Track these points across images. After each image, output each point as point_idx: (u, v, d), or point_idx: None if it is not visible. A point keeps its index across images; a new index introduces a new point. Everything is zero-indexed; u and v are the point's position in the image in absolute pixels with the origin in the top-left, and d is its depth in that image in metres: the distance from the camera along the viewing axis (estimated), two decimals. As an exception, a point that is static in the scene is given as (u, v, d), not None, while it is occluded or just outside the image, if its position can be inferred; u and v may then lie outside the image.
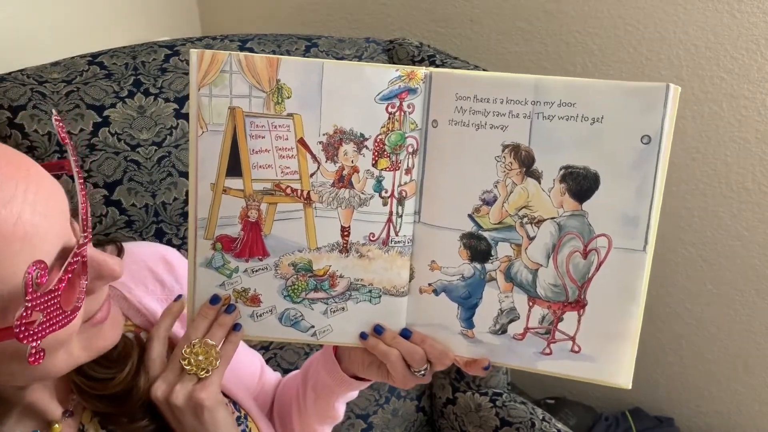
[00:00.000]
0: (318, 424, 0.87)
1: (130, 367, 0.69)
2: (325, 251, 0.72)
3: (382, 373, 0.74)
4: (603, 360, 0.67)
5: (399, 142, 0.69)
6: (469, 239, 0.68)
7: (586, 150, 0.62)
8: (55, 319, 0.50)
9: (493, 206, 0.66)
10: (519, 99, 0.63)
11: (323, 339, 0.74)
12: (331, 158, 0.70)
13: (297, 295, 0.73)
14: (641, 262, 0.64)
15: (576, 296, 0.66)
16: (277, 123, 0.69)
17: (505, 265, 0.68)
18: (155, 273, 0.79)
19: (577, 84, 0.62)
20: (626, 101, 0.60)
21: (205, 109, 0.68)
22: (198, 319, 0.71)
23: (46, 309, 0.49)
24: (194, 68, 0.67)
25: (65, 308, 0.51)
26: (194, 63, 0.67)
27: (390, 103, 0.68)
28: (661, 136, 0.60)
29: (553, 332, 0.68)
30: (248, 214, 0.71)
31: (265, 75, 0.68)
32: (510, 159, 0.65)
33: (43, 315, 0.48)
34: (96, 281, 0.56)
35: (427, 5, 1.46)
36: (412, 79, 0.68)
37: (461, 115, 0.66)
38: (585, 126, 0.62)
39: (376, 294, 0.72)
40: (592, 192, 0.63)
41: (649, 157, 0.61)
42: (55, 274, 0.50)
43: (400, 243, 0.71)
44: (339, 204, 0.71)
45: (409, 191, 0.70)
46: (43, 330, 0.49)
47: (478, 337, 0.70)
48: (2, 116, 0.94)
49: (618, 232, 0.63)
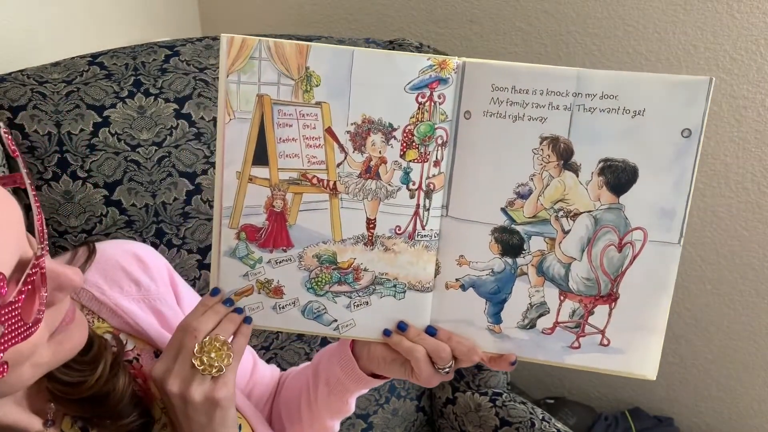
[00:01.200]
0: (329, 419, 0.85)
1: (103, 369, 0.67)
2: (350, 243, 0.70)
3: (405, 370, 0.73)
4: (632, 352, 0.68)
5: (428, 133, 0.68)
6: (501, 233, 0.67)
7: (625, 143, 0.62)
8: (16, 332, 0.49)
9: (528, 199, 0.66)
10: (560, 90, 0.63)
11: (346, 333, 0.72)
12: (358, 148, 0.68)
13: (320, 288, 0.71)
14: (675, 255, 0.64)
15: (608, 290, 0.66)
16: (305, 111, 0.68)
17: (537, 259, 0.67)
18: (129, 273, 0.77)
19: (620, 76, 0.62)
20: (669, 94, 0.60)
21: (233, 96, 0.67)
22: (209, 313, 0.69)
23: (7, 321, 0.47)
24: (224, 54, 0.66)
25: (26, 320, 0.50)
26: (224, 48, 0.66)
27: (420, 93, 0.67)
28: (701, 129, 0.61)
29: (583, 326, 0.68)
30: (273, 204, 0.69)
31: (294, 62, 0.67)
32: (548, 151, 0.64)
33: (4, 327, 0.47)
34: (56, 292, 0.54)
35: (427, 5, 1.46)
36: (444, 69, 0.67)
37: (497, 106, 0.65)
38: (626, 119, 0.62)
39: (400, 289, 0.71)
40: (630, 185, 0.63)
41: (689, 150, 0.61)
42: (14, 287, 0.49)
43: (427, 237, 0.70)
44: (365, 195, 0.69)
45: (437, 184, 0.69)
46: (4, 343, 0.48)
47: (505, 333, 0.70)
48: (2, 116, 0.93)
49: (654, 225, 0.64)
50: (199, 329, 0.68)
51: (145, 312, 0.77)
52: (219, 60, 0.66)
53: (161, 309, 0.78)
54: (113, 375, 0.68)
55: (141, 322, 0.75)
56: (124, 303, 0.75)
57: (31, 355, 0.53)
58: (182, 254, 1.02)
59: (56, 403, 0.66)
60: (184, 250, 1.02)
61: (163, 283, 0.80)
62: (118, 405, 0.68)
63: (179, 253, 1.02)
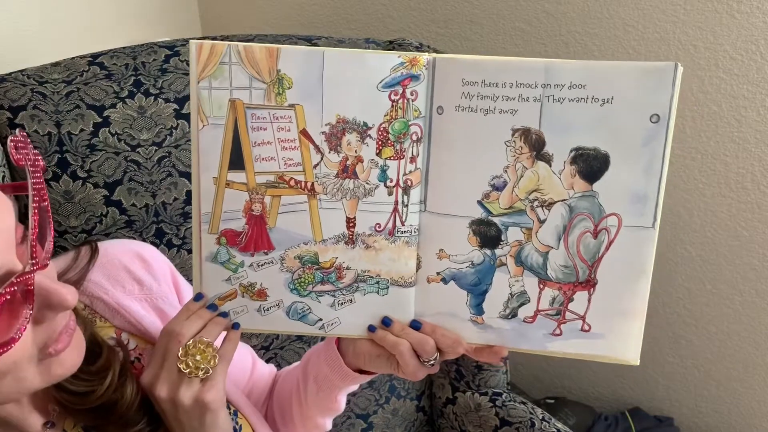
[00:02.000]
0: (320, 417, 0.86)
1: (112, 379, 0.67)
2: (331, 243, 0.71)
3: (391, 365, 0.74)
4: (613, 337, 0.68)
5: (403, 130, 0.68)
6: (478, 225, 0.68)
7: (596, 131, 0.63)
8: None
9: (503, 191, 0.67)
10: (529, 82, 0.63)
11: (331, 332, 0.73)
12: (334, 148, 0.69)
13: (304, 289, 0.72)
14: (650, 238, 0.65)
15: (586, 276, 0.67)
16: (278, 114, 0.68)
17: (515, 249, 0.68)
18: (131, 272, 0.77)
19: (587, 66, 0.62)
20: (636, 81, 0.61)
21: (205, 102, 0.67)
22: (193, 317, 0.70)
23: None
24: (193, 60, 0.66)
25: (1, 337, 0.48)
26: (193, 55, 0.66)
27: (393, 91, 0.67)
28: (669, 114, 0.61)
29: (563, 313, 0.69)
30: (252, 208, 0.69)
31: (265, 65, 0.67)
32: (520, 143, 0.65)
33: None
34: (44, 311, 0.53)
35: (427, 6, 1.45)
36: (415, 66, 0.67)
37: (468, 100, 0.65)
38: (595, 107, 0.62)
39: (383, 285, 0.72)
40: (602, 172, 0.64)
41: (658, 135, 0.62)
42: None
43: (407, 233, 0.71)
44: (344, 195, 0.70)
45: (414, 180, 0.69)
46: None
47: (487, 323, 0.71)
48: (2, 116, 0.93)
49: (628, 210, 0.64)
50: (183, 333, 0.68)
51: (148, 311, 0.77)
52: (189, 67, 0.66)
53: (163, 308, 0.78)
54: (121, 384, 0.68)
55: (143, 321, 0.75)
56: (127, 302, 0.75)
57: (11, 372, 0.52)
58: (182, 254, 1.03)
59: (61, 409, 0.66)
60: (184, 250, 1.03)
61: (165, 283, 0.80)
62: (126, 414, 0.68)
63: (179, 253, 1.03)
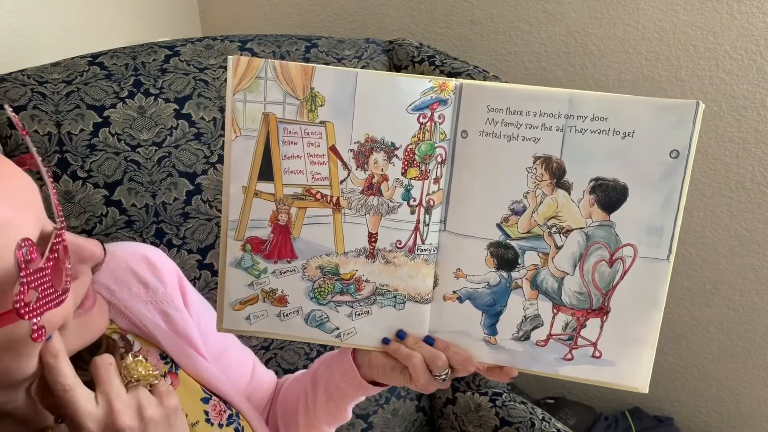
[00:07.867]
0: (326, 425, 0.88)
1: None
2: (352, 256, 0.73)
3: (404, 377, 0.76)
4: (623, 364, 0.70)
5: (429, 152, 0.71)
6: (496, 248, 0.70)
7: (616, 163, 0.65)
8: (49, 297, 0.51)
9: (522, 216, 0.68)
10: (552, 112, 0.65)
11: (347, 341, 0.75)
12: (361, 166, 0.71)
13: (323, 298, 0.74)
14: (665, 270, 0.66)
15: (600, 303, 0.69)
16: (309, 130, 0.70)
17: (531, 273, 0.70)
18: (138, 274, 0.78)
19: (610, 99, 0.64)
20: (657, 117, 0.63)
21: (239, 114, 0.70)
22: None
23: (40, 287, 0.49)
24: (230, 74, 0.69)
25: (56, 287, 0.52)
26: (230, 68, 0.68)
27: (421, 114, 0.70)
28: (689, 150, 0.63)
29: (575, 338, 0.70)
30: (278, 218, 0.72)
31: (299, 83, 0.69)
32: (541, 170, 0.67)
33: (38, 293, 0.49)
34: (78, 265, 0.56)
35: (427, 5, 1.47)
36: (444, 90, 0.69)
37: (492, 126, 0.67)
38: (616, 140, 0.64)
39: (400, 300, 0.74)
40: (620, 203, 0.65)
41: (677, 170, 0.64)
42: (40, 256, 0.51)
43: (426, 251, 0.73)
44: (367, 211, 0.72)
45: (437, 200, 0.72)
46: (40, 307, 0.49)
47: (500, 344, 0.72)
48: (2, 116, 0.94)
49: (643, 241, 0.66)
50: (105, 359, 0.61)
51: (153, 314, 0.78)
52: (226, 79, 0.69)
53: (168, 311, 0.79)
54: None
55: (148, 323, 0.76)
56: (132, 304, 0.76)
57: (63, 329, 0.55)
58: (182, 254, 1.04)
59: None
60: (184, 250, 1.03)
61: (171, 286, 0.81)
62: None
63: (179, 253, 1.03)
